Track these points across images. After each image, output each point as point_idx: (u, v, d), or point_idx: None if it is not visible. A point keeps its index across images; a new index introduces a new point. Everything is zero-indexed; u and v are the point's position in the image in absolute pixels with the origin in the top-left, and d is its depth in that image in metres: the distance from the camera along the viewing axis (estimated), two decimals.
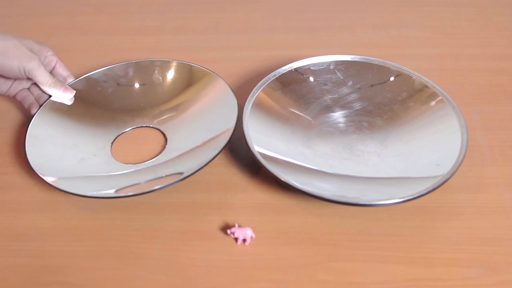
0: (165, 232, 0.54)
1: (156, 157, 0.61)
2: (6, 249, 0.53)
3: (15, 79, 0.64)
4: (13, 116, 0.68)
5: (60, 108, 0.64)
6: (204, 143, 0.59)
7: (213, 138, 0.59)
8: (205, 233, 0.54)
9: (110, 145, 0.63)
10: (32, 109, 0.63)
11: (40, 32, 0.83)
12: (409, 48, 0.76)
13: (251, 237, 0.52)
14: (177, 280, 0.50)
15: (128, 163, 0.60)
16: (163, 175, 0.56)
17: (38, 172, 0.55)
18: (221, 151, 0.55)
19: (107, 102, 0.67)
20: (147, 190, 0.53)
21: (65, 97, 0.64)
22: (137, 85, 0.68)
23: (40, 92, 0.64)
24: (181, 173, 0.55)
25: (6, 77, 0.63)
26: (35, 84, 0.64)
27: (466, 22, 0.81)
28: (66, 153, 0.60)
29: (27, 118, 0.67)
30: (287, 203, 0.56)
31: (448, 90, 0.62)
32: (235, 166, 0.60)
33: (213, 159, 0.55)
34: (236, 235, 0.52)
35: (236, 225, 0.53)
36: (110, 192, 0.55)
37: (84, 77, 0.67)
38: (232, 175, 0.59)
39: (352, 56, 0.66)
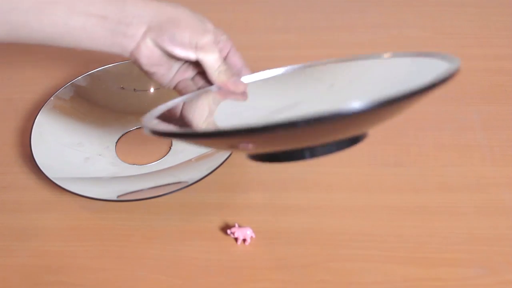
0: (165, 232, 0.54)
1: (162, 159, 0.61)
2: (6, 249, 0.53)
3: (181, 66, 0.52)
4: (13, 116, 0.68)
5: (64, 107, 0.64)
6: (209, 153, 0.59)
7: None
8: (205, 233, 0.54)
9: (115, 144, 0.63)
10: None
11: None
12: (409, 48, 0.76)
13: (251, 237, 0.52)
14: (177, 280, 0.50)
15: (133, 164, 0.60)
16: (167, 183, 0.56)
17: (45, 172, 0.55)
18: (224, 162, 0.56)
19: (111, 101, 0.67)
20: (150, 196, 0.54)
21: (235, 89, 0.50)
22: (141, 84, 0.68)
23: (204, 82, 0.52)
24: (184, 182, 0.55)
25: (171, 56, 0.50)
26: (200, 74, 0.52)
27: (466, 22, 0.81)
28: (71, 152, 0.60)
29: (28, 118, 0.67)
30: (287, 203, 0.56)
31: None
32: (235, 166, 0.60)
33: (215, 169, 0.55)
34: (236, 235, 0.52)
35: (236, 225, 0.53)
36: (113, 195, 0.55)
37: (88, 74, 0.67)
38: (232, 175, 0.59)
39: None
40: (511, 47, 0.76)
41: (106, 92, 0.67)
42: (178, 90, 0.53)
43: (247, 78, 0.52)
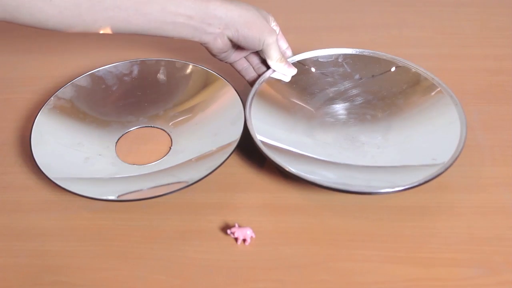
0: (165, 232, 0.54)
1: (162, 159, 0.61)
2: (6, 249, 0.53)
3: (238, 48, 0.64)
4: (13, 116, 0.68)
5: (64, 107, 0.64)
6: (209, 153, 0.59)
7: (218, 147, 0.59)
8: (205, 233, 0.54)
9: (115, 144, 0.63)
10: (253, 83, 0.64)
11: (39, 30, 0.83)
12: (409, 48, 0.76)
13: (251, 237, 0.52)
14: (177, 280, 0.50)
15: (133, 164, 0.60)
16: (167, 183, 0.56)
17: (45, 172, 0.55)
18: (224, 162, 0.56)
19: (111, 100, 0.67)
20: (150, 196, 0.54)
21: (288, 72, 0.64)
22: (141, 84, 0.68)
23: (259, 63, 0.65)
24: (184, 182, 0.55)
25: (237, 48, 0.63)
26: (254, 53, 0.65)
27: (466, 22, 0.81)
28: (71, 152, 0.60)
29: (28, 118, 0.67)
30: (287, 203, 0.56)
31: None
32: (235, 166, 0.60)
33: (216, 169, 0.55)
34: (236, 235, 0.52)
35: (236, 225, 0.53)
36: (113, 195, 0.55)
37: (88, 74, 0.67)
38: (232, 175, 0.59)
39: (360, 50, 0.67)
40: (511, 47, 0.76)
41: (106, 92, 0.67)
42: (239, 69, 0.66)
43: (292, 58, 0.67)
